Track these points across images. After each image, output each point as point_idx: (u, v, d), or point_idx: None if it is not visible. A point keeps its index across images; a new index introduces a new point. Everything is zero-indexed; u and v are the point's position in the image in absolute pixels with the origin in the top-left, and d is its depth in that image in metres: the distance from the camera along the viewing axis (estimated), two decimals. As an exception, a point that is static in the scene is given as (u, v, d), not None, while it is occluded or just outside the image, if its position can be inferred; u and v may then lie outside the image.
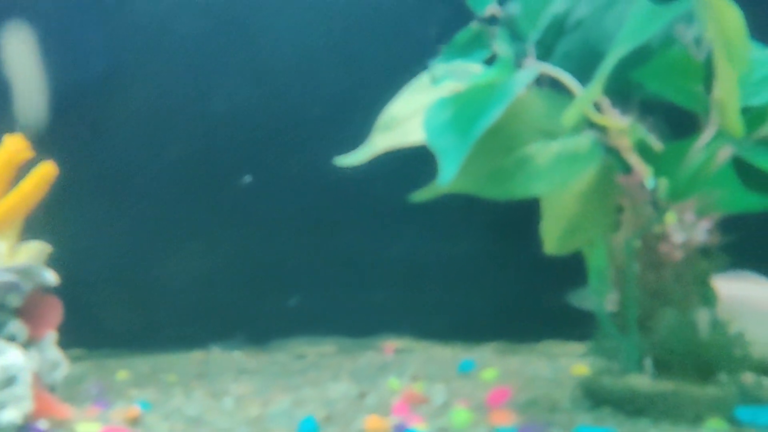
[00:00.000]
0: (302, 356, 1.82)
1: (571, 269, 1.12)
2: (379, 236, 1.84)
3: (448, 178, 0.85)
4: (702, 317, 0.94)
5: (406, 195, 1.10)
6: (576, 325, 1.12)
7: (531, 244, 1.12)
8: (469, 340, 1.89)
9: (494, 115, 0.86)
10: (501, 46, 0.94)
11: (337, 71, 1.71)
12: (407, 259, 1.83)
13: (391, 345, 1.86)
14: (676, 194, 0.98)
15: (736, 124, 0.86)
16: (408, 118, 1.09)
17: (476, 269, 1.87)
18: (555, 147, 0.97)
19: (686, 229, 0.93)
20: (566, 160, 0.96)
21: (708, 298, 0.97)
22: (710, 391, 0.88)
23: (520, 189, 0.96)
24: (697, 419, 0.87)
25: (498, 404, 1.00)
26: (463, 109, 0.92)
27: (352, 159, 1.09)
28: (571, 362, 1.40)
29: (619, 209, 1.05)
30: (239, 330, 1.89)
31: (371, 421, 0.89)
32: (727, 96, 0.84)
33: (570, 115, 0.88)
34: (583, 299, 1.14)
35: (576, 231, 1.08)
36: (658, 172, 1.02)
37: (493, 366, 1.46)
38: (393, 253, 1.84)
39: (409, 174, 1.11)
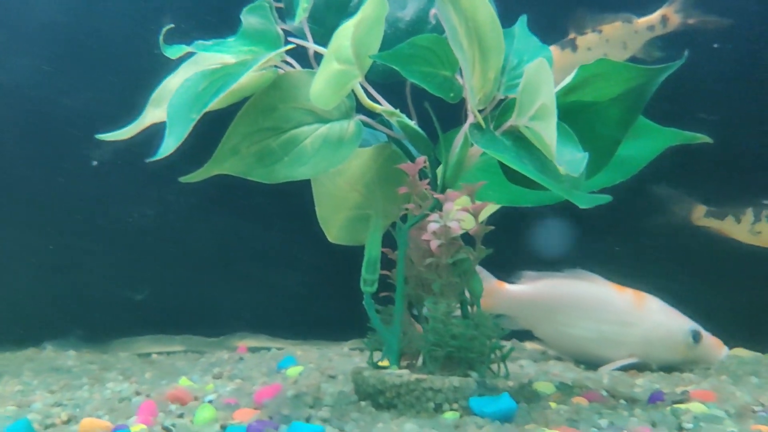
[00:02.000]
0: (146, 356, 1.73)
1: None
2: (236, 233, 1.78)
3: (166, 151, 0.80)
4: (459, 308, 0.93)
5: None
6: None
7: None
8: (329, 338, 1.86)
9: (222, 92, 0.82)
10: (249, 20, 0.90)
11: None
12: (267, 258, 1.78)
13: (244, 344, 1.81)
14: (445, 184, 0.97)
15: (476, 114, 0.85)
16: (179, 92, 1.02)
17: (339, 267, 1.85)
18: (323, 130, 0.94)
19: (444, 218, 0.92)
20: (332, 144, 0.93)
21: (473, 289, 0.96)
22: (452, 382, 0.86)
23: (286, 171, 0.91)
24: (438, 410, 0.85)
25: (261, 401, 0.95)
26: (212, 84, 0.86)
27: (119, 134, 1.02)
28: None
29: (407, 198, 1.03)
30: (78, 328, 1.79)
31: (85, 423, 0.82)
32: (469, 86, 0.83)
33: (314, 91, 0.84)
34: None
35: (362, 220, 1.05)
36: (436, 161, 1.01)
37: (315, 363, 1.42)
38: (251, 251, 1.78)
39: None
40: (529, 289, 1.43)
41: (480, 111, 0.91)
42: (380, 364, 0.97)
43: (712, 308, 1.42)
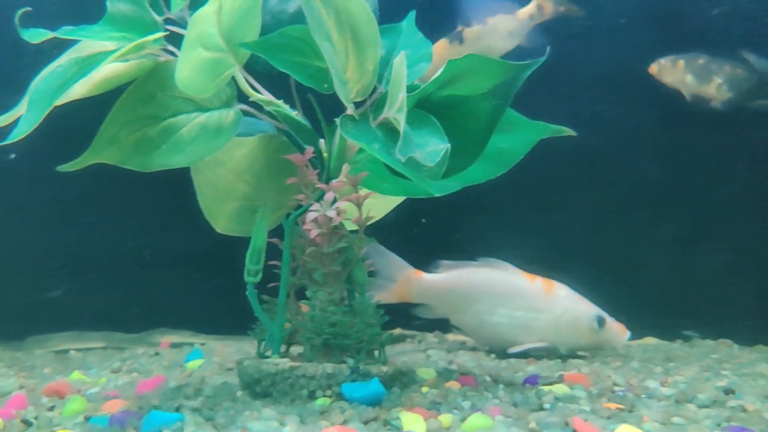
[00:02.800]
0: (64, 352, 1.69)
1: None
2: (156, 231, 1.75)
3: (19, 134, 0.79)
4: (337, 296, 0.94)
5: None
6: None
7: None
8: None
9: (82, 78, 0.81)
10: (118, 6, 0.88)
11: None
12: (191, 254, 1.74)
13: (167, 340, 1.79)
14: (329, 174, 0.98)
15: (350, 106, 0.86)
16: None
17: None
18: (201, 118, 0.93)
19: (324, 208, 0.92)
20: (210, 132, 0.92)
21: (356, 277, 0.97)
22: (325, 368, 0.87)
23: (162, 160, 0.90)
24: (311, 396, 0.86)
25: (141, 392, 0.95)
26: (80, 70, 0.85)
27: None
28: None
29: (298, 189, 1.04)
30: (-6, 324, 1.73)
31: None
32: (340, 78, 0.84)
33: (181, 78, 0.84)
34: None
35: (253, 211, 1.05)
36: (322, 152, 1.02)
37: (222, 357, 1.42)
38: (177, 247, 1.75)
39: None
40: (445, 278, 1.46)
41: (360, 102, 0.93)
42: (267, 353, 0.98)
43: (623, 299, 1.48)
